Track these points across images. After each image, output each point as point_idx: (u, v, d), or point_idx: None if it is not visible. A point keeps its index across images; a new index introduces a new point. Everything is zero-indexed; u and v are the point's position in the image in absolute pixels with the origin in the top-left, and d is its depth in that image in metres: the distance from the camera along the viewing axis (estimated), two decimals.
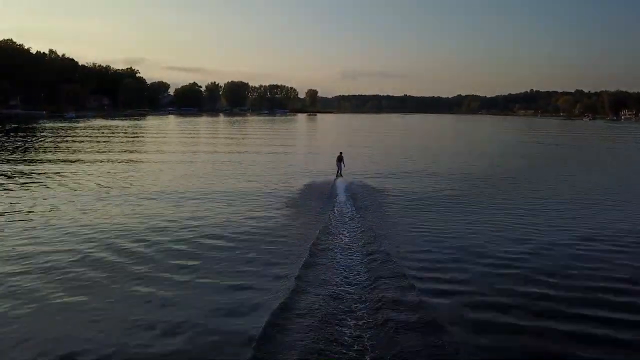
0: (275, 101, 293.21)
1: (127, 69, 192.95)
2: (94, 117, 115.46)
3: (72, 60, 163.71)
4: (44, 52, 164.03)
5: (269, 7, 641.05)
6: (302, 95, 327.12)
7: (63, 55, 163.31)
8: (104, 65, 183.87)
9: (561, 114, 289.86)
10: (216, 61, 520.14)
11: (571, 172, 31.31)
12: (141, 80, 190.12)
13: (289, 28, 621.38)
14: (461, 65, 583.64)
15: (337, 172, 26.04)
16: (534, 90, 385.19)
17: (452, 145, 59.54)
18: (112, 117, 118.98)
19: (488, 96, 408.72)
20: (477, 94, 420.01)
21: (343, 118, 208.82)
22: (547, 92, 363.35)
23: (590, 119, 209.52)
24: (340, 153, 26.88)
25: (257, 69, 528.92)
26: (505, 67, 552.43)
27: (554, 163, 38.62)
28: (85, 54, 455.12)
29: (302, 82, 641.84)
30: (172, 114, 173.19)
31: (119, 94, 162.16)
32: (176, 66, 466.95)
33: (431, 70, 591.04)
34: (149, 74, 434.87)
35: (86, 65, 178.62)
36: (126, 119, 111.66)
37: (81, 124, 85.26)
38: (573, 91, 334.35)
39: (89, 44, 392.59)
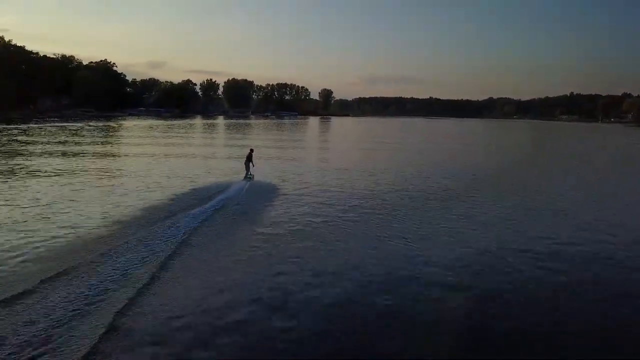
0: (284, 102, 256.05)
1: (100, 61, 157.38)
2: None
3: (21, 47, 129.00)
4: None
5: (292, 10, 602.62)
6: (315, 96, 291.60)
7: (10, 41, 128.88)
8: (67, 56, 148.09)
9: (612, 119, 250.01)
10: (238, 65, 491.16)
11: None
12: (115, 75, 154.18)
13: (312, 31, 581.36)
14: (492, 65, 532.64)
15: (246, 173, 23.15)
16: (574, 93, 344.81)
17: None
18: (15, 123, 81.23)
19: (523, 99, 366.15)
20: (511, 96, 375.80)
21: (355, 122, 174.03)
22: (590, 95, 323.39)
23: None
24: (251, 151, 23.86)
25: (278, 73, 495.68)
26: (542, 68, 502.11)
27: None
28: (109, 57, 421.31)
29: (321, 85, 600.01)
30: (133, 115, 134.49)
31: (72, 91, 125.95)
32: (197, 69, 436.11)
33: (459, 72, 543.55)
34: (171, 77, 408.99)
35: (53, 56, 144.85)
36: (24, 127, 74.29)
37: None
38: (620, 94, 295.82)
39: (113, 47, 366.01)
